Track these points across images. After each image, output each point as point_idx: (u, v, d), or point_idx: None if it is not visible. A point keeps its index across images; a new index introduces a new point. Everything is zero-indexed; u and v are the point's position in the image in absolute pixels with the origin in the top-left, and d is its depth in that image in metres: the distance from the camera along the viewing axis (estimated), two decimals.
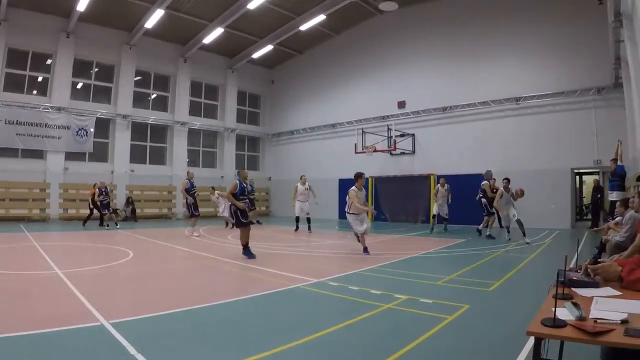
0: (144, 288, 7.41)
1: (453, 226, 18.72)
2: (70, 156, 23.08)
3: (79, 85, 24.33)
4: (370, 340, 4.65)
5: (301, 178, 18.34)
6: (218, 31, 23.96)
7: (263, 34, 25.98)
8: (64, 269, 8.56)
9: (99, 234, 16.32)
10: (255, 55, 27.79)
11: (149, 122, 26.01)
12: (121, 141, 24.71)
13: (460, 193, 19.27)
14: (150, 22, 22.39)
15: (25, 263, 9.54)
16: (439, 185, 17.30)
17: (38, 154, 22.28)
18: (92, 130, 23.58)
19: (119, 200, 23.96)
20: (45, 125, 22.33)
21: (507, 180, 13.62)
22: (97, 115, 23.83)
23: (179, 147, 26.96)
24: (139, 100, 25.90)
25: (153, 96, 27.04)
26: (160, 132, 26.98)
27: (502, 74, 20.12)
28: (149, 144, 26.56)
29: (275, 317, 5.69)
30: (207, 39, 24.92)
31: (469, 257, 10.64)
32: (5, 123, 21.27)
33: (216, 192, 20.73)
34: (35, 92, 22.93)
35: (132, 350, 4.15)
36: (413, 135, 22.97)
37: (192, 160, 28.23)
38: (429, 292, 6.78)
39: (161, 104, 27.11)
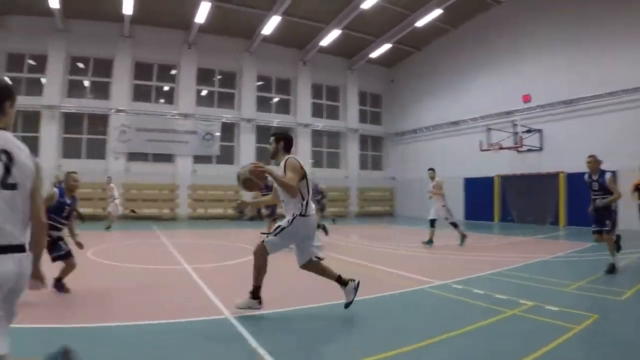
0: (268, 284, 7.36)
1: (583, 228, 17.26)
2: (198, 159, 24.58)
3: (204, 93, 25.96)
4: (492, 347, 4.43)
5: None
6: (335, 33, 24.17)
7: (379, 33, 25.81)
8: (192, 264, 9.12)
9: (226, 232, 16.95)
10: (373, 55, 27.70)
11: (273, 124, 26.60)
12: (246, 144, 25.79)
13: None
14: (268, 29, 23.24)
15: (156, 258, 10.25)
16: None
17: (168, 158, 23.93)
18: (217, 134, 24.89)
19: None
20: (174, 131, 24.01)
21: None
22: (222, 120, 25.20)
23: (303, 148, 27.26)
24: (262, 104, 26.95)
25: (275, 100, 27.95)
26: None
27: (634, 60, 18.16)
28: None
29: (397, 318, 5.60)
30: (325, 42, 25.26)
31: (601, 262, 9.64)
32: (137, 130, 23.28)
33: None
34: (162, 100, 25.09)
35: (253, 342, 4.36)
36: (540, 130, 21.47)
37: (317, 161, 28.65)
38: (555, 299, 6.22)
39: (284, 107, 27.93)
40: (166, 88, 25.30)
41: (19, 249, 2.44)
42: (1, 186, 2.42)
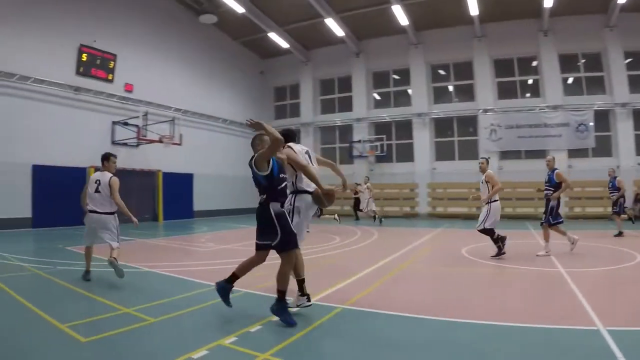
0: None
1: None
2: (573, 153, 23.17)
3: (570, 80, 24.27)
4: None
5: None
6: None
7: None
8: (568, 267, 8.60)
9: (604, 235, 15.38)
10: None
11: None
12: (624, 133, 22.74)
13: None
14: None
15: (527, 259, 9.86)
16: None
17: (539, 154, 22.69)
18: (591, 124, 23.00)
19: (625, 198, 22.41)
20: (544, 125, 23.25)
21: None
22: (594, 108, 23.07)
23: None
24: (635, 84, 23.27)
25: None
26: None
27: None
28: None
29: None
30: None
31: None
32: (506, 128, 23.38)
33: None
34: (528, 94, 24.53)
35: None
36: None
37: None
38: None
39: None
40: (530, 81, 24.70)
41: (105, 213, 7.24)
42: (95, 191, 7.23)
